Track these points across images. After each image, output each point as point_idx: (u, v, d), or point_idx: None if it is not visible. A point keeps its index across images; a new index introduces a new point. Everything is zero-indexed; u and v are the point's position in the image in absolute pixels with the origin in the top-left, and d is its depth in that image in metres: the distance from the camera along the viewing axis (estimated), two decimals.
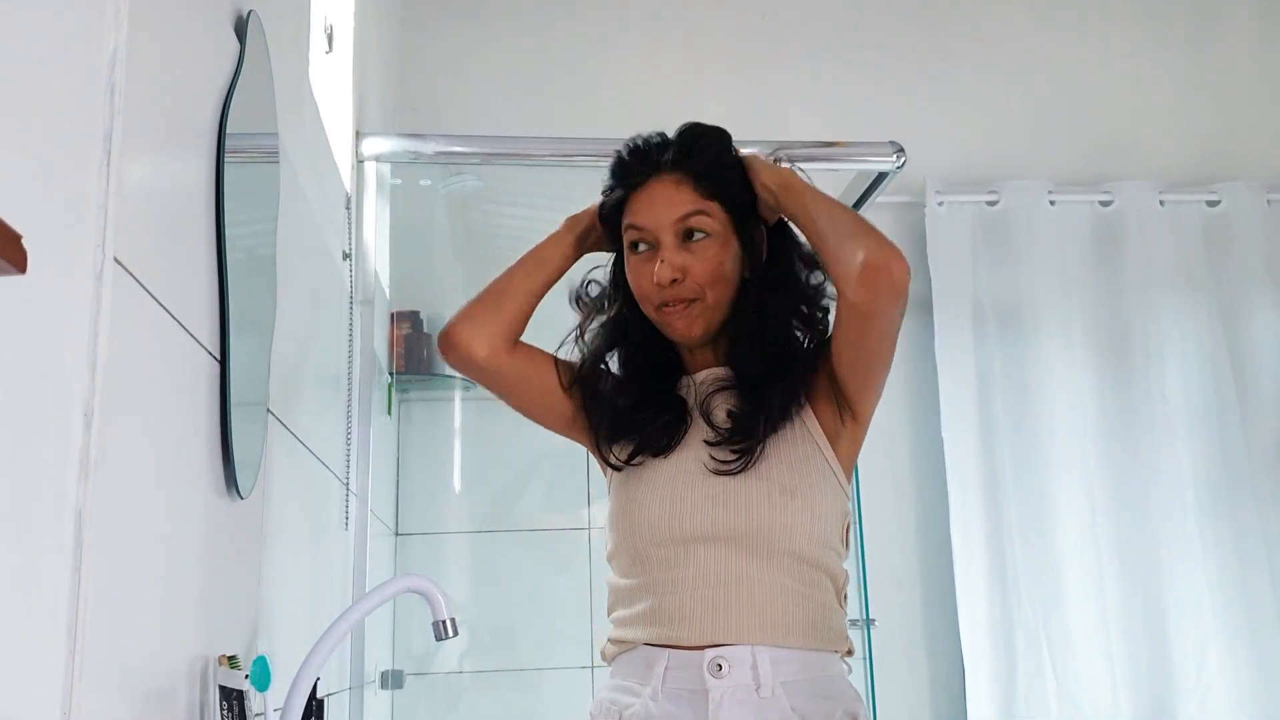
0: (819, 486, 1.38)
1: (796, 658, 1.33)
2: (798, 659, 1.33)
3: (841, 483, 1.41)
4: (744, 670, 1.32)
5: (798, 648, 1.34)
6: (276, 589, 1.46)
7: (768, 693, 1.31)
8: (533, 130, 2.99)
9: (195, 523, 1.09)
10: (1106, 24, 3.45)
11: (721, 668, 1.32)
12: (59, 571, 0.77)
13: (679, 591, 1.36)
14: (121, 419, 0.86)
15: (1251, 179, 3.27)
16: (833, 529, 1.39)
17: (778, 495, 1.36)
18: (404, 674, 2.75)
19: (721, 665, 1.32)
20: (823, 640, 1.36)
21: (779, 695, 1.30)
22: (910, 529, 3.09)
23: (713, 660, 1.33)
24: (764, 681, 1.31)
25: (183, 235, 1.05)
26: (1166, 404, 3.05)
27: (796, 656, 1.33)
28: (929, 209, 3.14)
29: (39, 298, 0.72)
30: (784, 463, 1.38)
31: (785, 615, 1.34)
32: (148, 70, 0.92)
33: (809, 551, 1.36)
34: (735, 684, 1.31)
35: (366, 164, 2.38)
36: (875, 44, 3.37)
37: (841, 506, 1.41)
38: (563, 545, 2.98)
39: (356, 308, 2.25)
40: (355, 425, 2.20)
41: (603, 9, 3.32)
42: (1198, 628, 2.91)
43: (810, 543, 1.36)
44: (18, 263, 0.56)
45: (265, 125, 1.36)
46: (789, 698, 1.31)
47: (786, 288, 1.44)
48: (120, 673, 0.89)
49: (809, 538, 1.36)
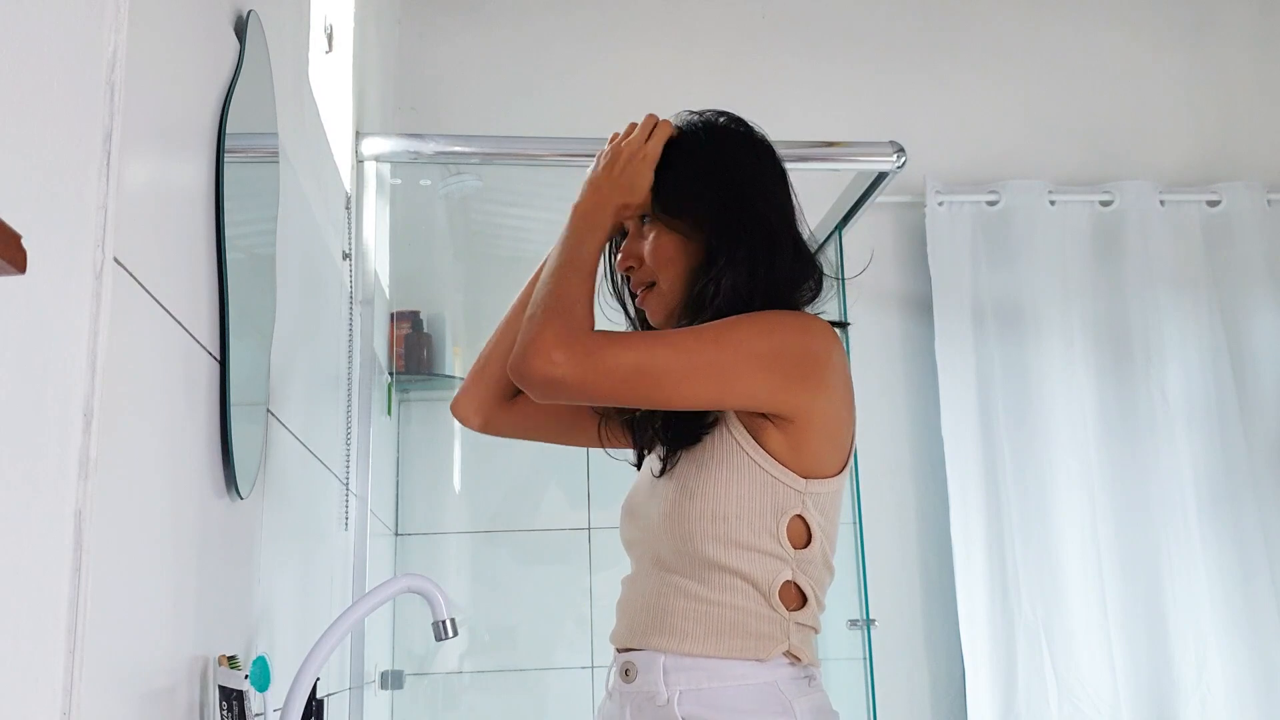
0: (728, 486, 1.28)
1: (698, 666, 1.26)
2: (701, 667, 1.26)
3: (774, 475, 1.28)
4: (650, 676, 1.28)
5: (700, 655, 1.27)
6: (276, 589, 1.46)
7: (663, 700, 1.26)
8: (533, 130, 2.99)
9: (195, 523, 1.09)
10: (1106, 24, 3.45)
11: (629, 673, 1.31)
12: (59, 571, 0.76)
13: (622, 593, 1.39)
14: (121, 419, 0.86)
15: (1251, 179, 3.27)
16: (748, 528, 1.27)
17: (677, 497, 1.30)
18: (404, 674, 2.75)
19: (629, 670, 1.31)
20: (731, 648, 1.26)
21: (673, 704, 1.25)
22: (910, 529, 3.09)
23: (624, 665, 1.32)
24: (660, 690, 1.26)
25: (183, 235, 1.04)
26: (1166, 404, 3.05)
27: (698, 665, 1.26)
28: (929, 209, 3.14)
29: (39, 298, 0.72)
30: (694, 462, 1.31)
31: (685, 622, 1.28)
32: (148, 70, 0.92)
33: (714, 554, 1.27)
34: (640, 690, 1.29)
35: (366, 164, 2.38)
36: (875, 44, 3.37)
37: (770, 502, 1.28)
38: (563, 545, 2.98)
39: (356, 308, 2.25)
40: (355, 425, 2.20)
41: (602, 8, 3.32)
42: (1198, 627, 2.91)
43: (714, 545, 1.27)
44: (18, 263, 0.56)
45: (265, 125, 1.36)
46: (682, 707, 1.25)
47: (739, 271, 1.33)
48: (120, 673, 0.89)
49: (712, 539, 1.27)
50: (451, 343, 2.93)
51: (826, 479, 1.31)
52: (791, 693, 1.26)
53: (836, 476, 1.33)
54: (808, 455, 1.29)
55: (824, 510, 1.32)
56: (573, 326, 1.28)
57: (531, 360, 1.25)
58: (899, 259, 3.19)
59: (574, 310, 1.30)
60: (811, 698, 1.28)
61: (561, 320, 1.28)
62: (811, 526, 1.30)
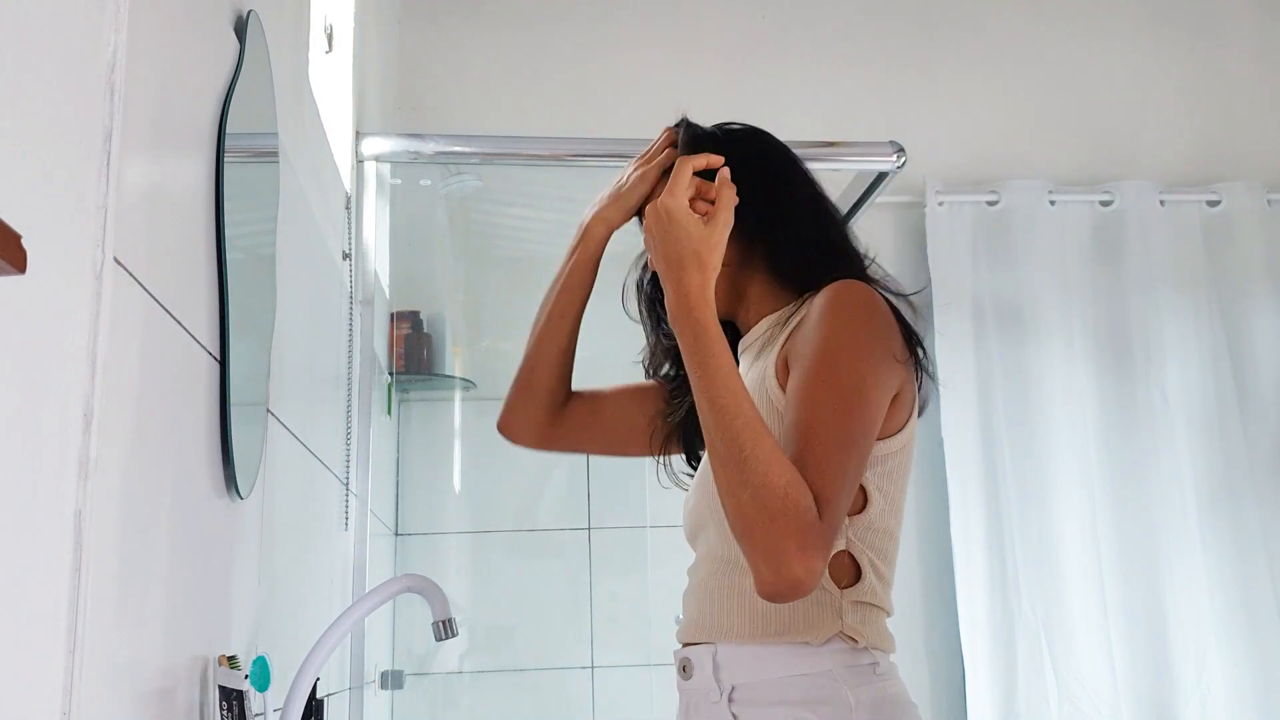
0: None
1: (750, 656, 1.20)
2: (752, 658, 1.19)
3: None
4: (704, 673, 1.22)
5: (749, 642, 1.20)
6: (276, 589, 1.46)
7: (716, 698, 1.20)
8: (533, 130, 2.99)
9: (195, 523, 1.09)
10: (1107, 24, 3.45)
11: (685, 669, 1.25)
12: (59, 571, 0.76)
13: (686, 588, 1.34)
14: (121, 419, 0.86)
15: (1251, 179, 3.27)
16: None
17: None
18: (404, 674, 2.75)
19: (685, 667, 1.25)
20: (780, 632, 1.18)
21: (724, 701, 1.19)
22: (910, 529, 3.08)
23: (681, 661, 1.27)
24: (712, 686, 1.21)
25: (183, 235, 1.04)
26: (1166, 404, 3.05)
27: (750, 655, 1.20)
28: (929, 209, 3.14)
29: (39, 298, 0.72)
30: None
31: (733, 610, 1.21)
32: (148, 70, 0.92)
33: None
34: (697, 687, 1.23)
35: (366, 164, 2.38)
36: (875, 44, 3.37)
37: None
38: (563, 545, 2.98)
39: (356, 308, 2.25)
40: (355, 425, 2.20)
41: (602, 9, 3.32)
42: (1198, 627, 2.91)
43: None
44: (18, 263, 0.56)
45: (265, 125, 1.36)
46: (734, 704, 1.19)
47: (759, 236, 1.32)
48: (120, 673, 0.89)
49: None
50: (451, 343, 2.93)
51: (887, 438, 1.22)
52: (849, 681, 1.17)
53: (899, 434, 1.24)
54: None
55: (885, 471, 1.23)
56: (801, 520, 1.07)
57: (797, 583, 1.06)
58: (899, 259, 3.19)
59: (777, 487, 1.08)
60: (874, 686, 1.18)
61: (789, 517, 1.07)
62: (869, 489, 1.21)
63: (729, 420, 1.12)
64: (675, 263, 1.22)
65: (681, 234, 1.23)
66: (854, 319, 1.20)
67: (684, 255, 1.22)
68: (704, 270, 1.21)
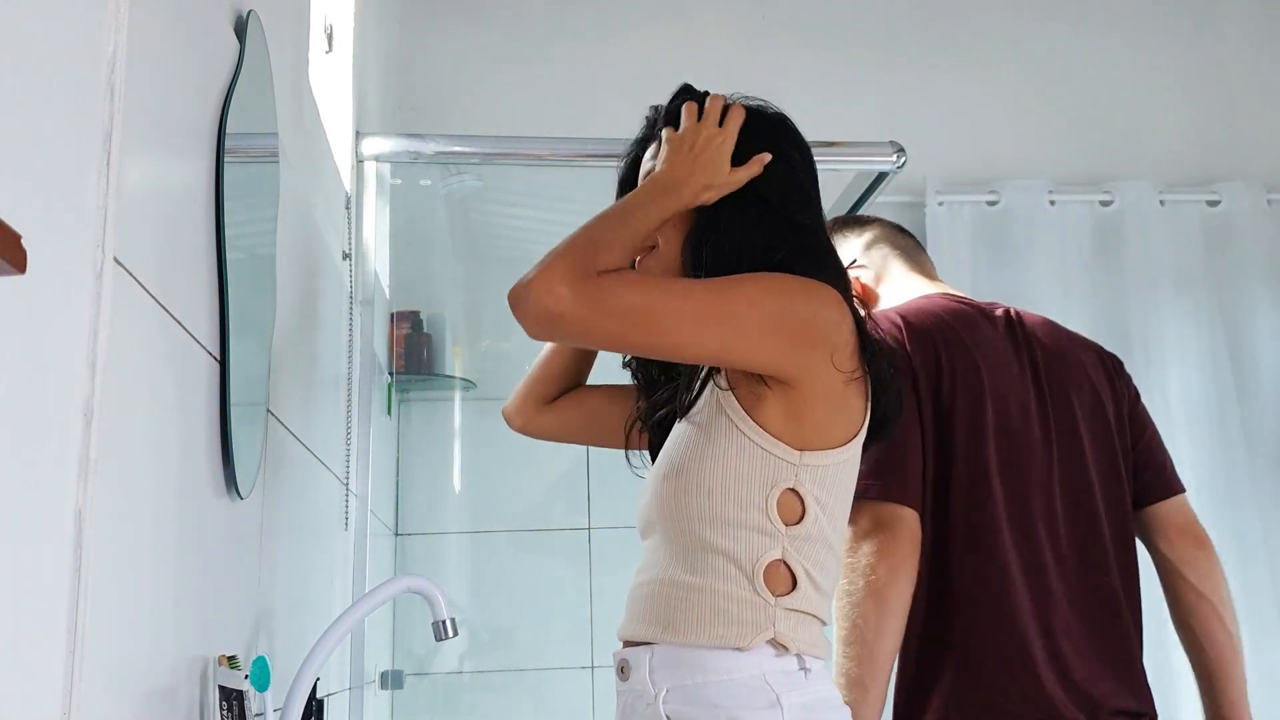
0: (714, 460, 1.21)
1: (685, 659, 1.19)
2: (686, 661, 1.19)
3: (764, 447, 1.21)
4: (640, 674, 1.21)
5: (684, 645, 1.19)
6: (276, 589, 1.46)
7: (650, 699, 1.19)
8: (533, 130, 2.99)
9: (195, 523, 1.09)
10: (1107, 23, 3.45)
11: (623, 670, 1.24)
12: (59, 571, 0.76)
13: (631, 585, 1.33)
14: (121, 419, 0.86)
15: (1251, 179, 3.27)
16: (735, 503, 1.20)
17: (665, 474, 1.25)
18: (404, 674, 2.75)
19: (623, 667, 1.24)
20: (713, 636, 1.18)
21: (659, 702, 1.18)
22: None
23: (619, 661, 1.25)
24: (648, 687, 1.20)
25: (183, 235, 1.05)
26: (1166, 404, 3.05)
27: (685, 657, 1.19)
28: (929, 209, 3.14)
29: (39, 298, 0.72)
30: (682, 439, 1.26)
31: (671, 610, 1.21)
32: (148, 70, 0.92)
33: (700, 532, 1.20)
34: (632, 688, 1.22)
35: (366, 164, 2.38)
36: (875, 44, 3.37)
37: (759, 475, 1.21)
38: (563, 545, 2.98)
39: (356, 308, 2.25)
40: (355, 425, 2.20)
41: (602, 9, 3.32)
42: None
43: (700, 522, 1.20)
44: (18, 263, 0.56)
45: (265, 125, 1.36)
46: (667, 705, 1.18)
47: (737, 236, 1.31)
48: (120, 673, 0.89)
49: (697, 516, 1.20)
50: (451, 343, 2.93)
51: (828, 450, 1.23)
52: (781, 686, 1.17)
53: (842, 447, 1.24)
54: (809, 425, 1.22)
55: (824, 484, 1.23)
56: (588, 266, 1.19)
57: (534, 291, 1.18)
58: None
59: (598, 254, 1.21)
60: (807, 690, 1.19)
61: (579, 256, 1.20)
62: (805, 500, 1.21)
63: (610, 221, 1.28)
64: (687, 172, 1.32)
65: (713, 161, 1.34)
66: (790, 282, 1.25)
67: (696, 174, 1.32)
68: (705, 190, 1.32)
